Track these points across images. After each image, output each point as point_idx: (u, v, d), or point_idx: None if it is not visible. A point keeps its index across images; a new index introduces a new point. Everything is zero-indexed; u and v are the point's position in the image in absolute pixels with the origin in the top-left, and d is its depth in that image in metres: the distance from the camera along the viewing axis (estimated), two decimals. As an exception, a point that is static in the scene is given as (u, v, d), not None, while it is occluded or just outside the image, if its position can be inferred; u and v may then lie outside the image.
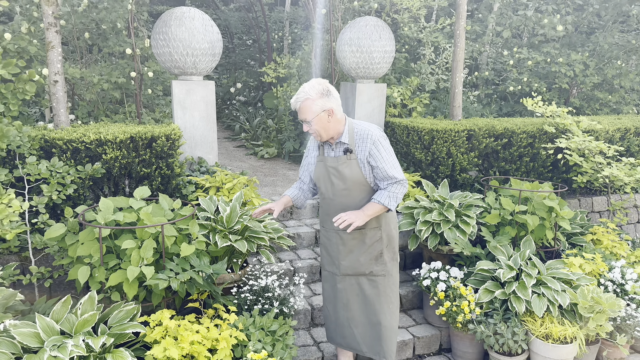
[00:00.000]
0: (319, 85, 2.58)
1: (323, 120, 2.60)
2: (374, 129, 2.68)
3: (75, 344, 2.37)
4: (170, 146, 3.67)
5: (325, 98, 2.57)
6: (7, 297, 2.68)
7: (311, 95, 2.56)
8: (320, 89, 2.57)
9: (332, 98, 2.60)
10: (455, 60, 4.80)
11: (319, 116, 2.58)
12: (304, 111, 2.59)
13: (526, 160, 4.80)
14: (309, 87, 2.58)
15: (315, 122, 2.59)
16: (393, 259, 2.84)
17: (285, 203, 2.92)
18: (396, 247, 2.85)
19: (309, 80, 2.65)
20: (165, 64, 4.19)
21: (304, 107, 2.58)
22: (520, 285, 3.27)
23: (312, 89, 2.57)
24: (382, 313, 2.83)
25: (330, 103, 2.59)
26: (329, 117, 2.60)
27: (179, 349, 2.47)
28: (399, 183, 2.66)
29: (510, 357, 3.18)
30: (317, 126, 2.61)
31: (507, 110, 7.39)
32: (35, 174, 3.20)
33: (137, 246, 2.72)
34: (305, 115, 2.59)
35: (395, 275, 2.87)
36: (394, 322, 2.88)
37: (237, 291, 3.25)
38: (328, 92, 2.59)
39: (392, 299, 2.86)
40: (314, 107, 2.56)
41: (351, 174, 2.68)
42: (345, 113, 5.03)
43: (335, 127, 2.64)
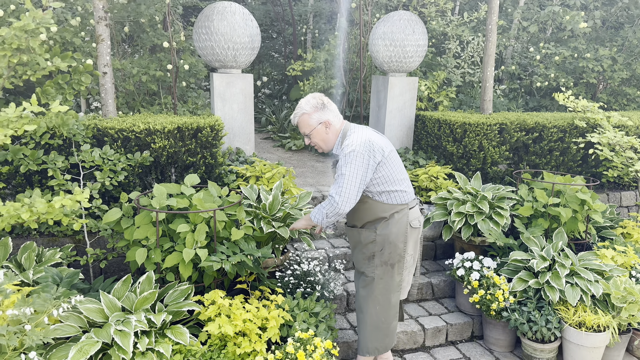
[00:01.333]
0: (313, 99, 2.72)
1: (321, 133, 2.75)
2: (355, 143, 2.63)
3: (138, 320, 2.53)
4: (214, 136, 3.82)
5: (321, 111, 2.71)
6: (71, 276, 2.86)
7: (307, 110, 2.71)
8: (314, 103, 2.71)
9: (327, 110, 2.73)
10: (486, 54, 4.87)
11: (316, 129, 2.73)
12: (302, 125, 2.75)
13: (556, 155, 4.86)
14: (304, 102, 2.73)
15: (314, 135, 2.75)
16: (386, 264, 2.80)
17: None
18: (394, 252, 2.78)
19: (335, 73, 2.81)
20: (206, 57, 4.34)
21: (301, 121, 2.74)
22: (553, 275, 3.36)
23: (307, 104, 2.72)
24: (368, 313, 2.90)
25: (326, 115, 2.72)
26: (327, 129, 2.74)
27: (233, 326, 2.62)
28: (330, 201, 2.65)
29: (542, 344, 3.28)
30: (317, 138, 2.77)
31: (534, 105, 7.41)
32: (89, 161, 3.37)
33: (191, 230, 2.88)
34: (304, 129, 2.75)
35: (388, 279, 2.83)
36: (379, 323, 2.89)
37: (279, 275, 3.39)
38: (323, 105, 2.72)
39: (381, 302, 2.86)
40: (310, 120, 2.71)
41: None
42: (377, 107, 5.15)
43: (333, 138, 2.78)
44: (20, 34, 2.91)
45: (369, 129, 2.79)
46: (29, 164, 3.16)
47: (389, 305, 2.89)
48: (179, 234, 2.91)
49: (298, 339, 2.74)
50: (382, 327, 2.92)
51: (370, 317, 2.91)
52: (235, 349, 2.59)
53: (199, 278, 3.03)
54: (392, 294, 2.87)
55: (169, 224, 2.99)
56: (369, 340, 2.94)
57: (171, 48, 5.25)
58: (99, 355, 2.49)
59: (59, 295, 2.51)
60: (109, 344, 2.46)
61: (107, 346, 2.48)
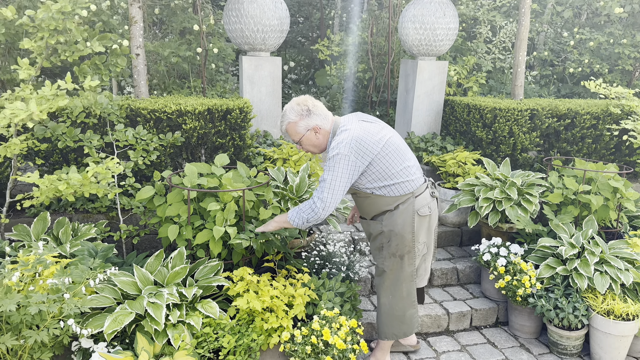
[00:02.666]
0: (297, 106, 2.62)
1: (311, 138, 2.67)
2: (341, 145, 2.54)
3: (170, 293, 2.62)
4: (243, 118, 3.87)
5: (307, 118, 2.62)
6: (106, 250, 2.97)
7: (292, 119, 2.63)
8: (299, 110, 2.61)
9: (313, 115, 2.63)
10: (519, 38, 4.76)
11: (305, 136, 2.66)
12: (290, 133, 2.68)
13: (588, 142, 4.76)
14: (289, 110, 2.63)
15: (304, 142, 2.68)
16: (395, 255, 2.77)
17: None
18: (402, 244, 2.75)
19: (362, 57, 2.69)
20: (236, 40, 4.38)
21: (289, 129, 2.67)
22: (582, 262, 3.32)
23: (292, 112, 2.62)
24: (382, 301, 2.93)
25: (313, 121, 2.63)
26: (317, 134, 2.66)
27: (260, 302, 2.69)
28: (311, 206, 2.61)
29: (569, 331, 3.25)
30: (308, 145, 2.70)
31: (566, 92, 7.24)
32: (123, 140, 3.47)
33: (221, 208, 2.94)
34: (293, 137, 2.69)
35: (398, 271, 2.81)
36: (393, 311, 2.90)
37: (305, 256, 3.44)
38: (308, 111, 2.62)
39: (393, 292, 2.87)
40: (297, 128, 2.64)
41: None
42: (405, 91, 5.11)
43: (324, 141, 2.70)
44: (57, 16, 2.99)
45: (360, 122, 2.65)
46: (67, 140, 3.27)
47: (401, 295, 2.88)
48: (209, 212, 2.98)
49: (323, 316, 2.79)
50: (396, 315, 2.91)
51: (384, 305, 2.93)
52: (263, 324, 2.66)
53: (228, 255, 3.10)
54: (403, 284, 2.85)
55: (199, 203, 3.06)
56: (385, 326, 2.97)
57: (201, 31, 5.30)
58: (132, 326, 2.59)
59: (95, 267, 2.62)
60: (142, 316, 2.56)
61: (140, 317, 2.57)
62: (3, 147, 2.89)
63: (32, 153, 3.53)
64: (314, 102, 2.66)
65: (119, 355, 2.40)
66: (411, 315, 2.96)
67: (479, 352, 3.33)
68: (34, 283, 2.50)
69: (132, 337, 2.60)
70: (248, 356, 2.55)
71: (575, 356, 3.32)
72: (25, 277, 2.49)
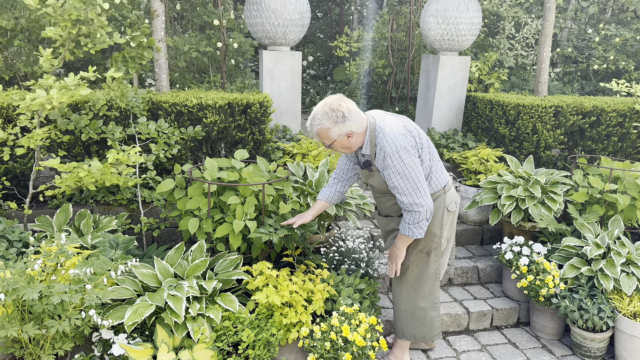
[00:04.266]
0: (332, 112, 2.40)
1: (343, 142, 2.49)
2: (393, 141, 2.41)
3: (190, 286, 2.62)
4: (263, 113, 3.86)
5: (341, 124, 2.40)
6: (127, 242, 2.98)
7: (325, 125, 2.41)
8: (334, 117, 2.39)
9: (348, 121, 2.41)
10: (543, 33, 4.66)
11: (337, 141, 2.47)
12: (321, 137, 2.49)
13: (614, 140, 4.64)
14: (321, 114, 2.41)
15: (335, 145, 2.50)
16: (422, 252, 2.75)
17: (319, 209, 2.88)
18: (430, 240, 2.72)
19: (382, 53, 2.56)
20: (256, 34, 4.36)
21: (320, 133, 2.46)
22: (608, 263, 3.24)
23: (325, 118, 2.40)
24: (402, 299, 2.87)
25: (347, 127, 2.42)
26: (349, 139, 2.47)
27: (280, 297, 2.67)
28: (412, 212, 2.48)
29: (594, 333, 3.18)
30: (338, 148, 2.52)
31: (590, 89, 7.08)
32: (145, 133, 3.48)
33: (241, 202, 2.93)
34: (323, 141, 2.50)
35: (423, 267, 2.78)
36: (414, 310, 2.85)
37: (324, 251, 3.42)
38: (343, 117, 2.40)
39: (415, 289, 2.82)
40: (330, 134, 2.44)
41: (378, 185, 2.65)
42: (426, 87, 5.05)
43: (357, 142, 2.52)
44: (78, 5, 3.00)
45: (391, 115, 2.57)
46: (90, 132, 3.29)
47: (424, 292, 2.84)
48: (229, 205, 2.97)
49: (343, 313, 2.76)
50: (417, 315, 2.87)
51: (404, 303, 2.88)
52: (282, 319, 2.64)
53: (247, 250, 3.09)
54: (427, 281, 2.82)
55: (219, 196, 3.05)
56: (405, 325, 2.92)
57: (221, 26, 5.30)
58: (152, 318, 2.60)
59: (116, 258, 2.63)
60: (162, 308, 2.56)
61: (160, 310, 2.58)
62: (26, 137, 2.92)
63: (54, 145, 3.56)
64: (348, 106, 2.42)
65: (138, 347, 2.41)
66: (432, 319, 2.90)
67: (499, 353, 3.27)
68: (56, 273, 2.52)
69: (151, 329, 2.61)
70: (267, 351, 2.54)
71: (599, 359, 3.25)
72: (47, 268, 2.51)
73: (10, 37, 4.20)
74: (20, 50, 4.52)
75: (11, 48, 4.49)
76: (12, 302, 2.29)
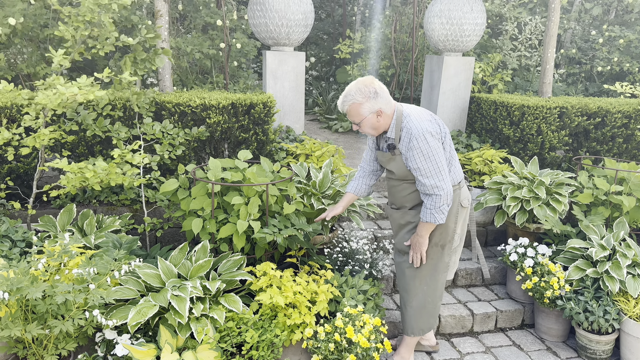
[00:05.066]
0: (365, 87, 2.51)
1: (372, 121, 2.57)
2: (420, 125, 2.50)
3: (194, 286, 2.61)
4: (266, 113, 3.85)
5: (373, 100, 2.51)
6: (130, 242, 2.97)
7: (358, 99, 2.51)
8: (367, 92, 2.51)
9: (379, 98, 2.53)
10: (548, 34, 4.65)
11: (367, 118, 2.55)
12: (351, 114, 2.57)
13: (619, 141, 4.62)
14: (355, 90, 2.53)
15: (364, 124, 2.58)
16: (437, 245, 2.77)
17: (348, 201, 2.96)
18: (445, 233, 2.75)
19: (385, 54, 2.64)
20: (260, 34, 4.36)
21: (351, 110, 2.55)
22: (614, 264, 3.22)
23: (358, 93, 2.51)
24: (415, 294, 2.87)
25: (378, 104, 2.53)
26: (378, 117, 2.56)
27: (284, 298, 2.66)
28: (433, 196, 2.53)
29: (599, 335, 3.15)
30: (367, 127, 2.60)
31: (594, 90, 7.06)
32: (150, 134, 3.47)
33: (244, 202, 2.92)
34: (353, 118, 2.58)
35: (437, 260, 2.80)
36: (426, 303, 2.87)
37: (328, 252, 3.41)
38: (375, 94, 2.51)
39: (429, 282, 2.84)
40: (361, 110, 2.53)
41: (398, 170, 2.67)
42: (430, 88, 5.04)
43: (385, 123, 2.61)
44: (94, 7, 3.01)
45: (416, 107, 2.69)
46: (95, 130, 3.29)
47: (436, 285, 2.87)
48: (233, 206, 2.96)
49: (347, 314, 2.75)
50: (428, 307, 2.91)
51: (416, 298, 2.89)
52: (286, 320, 2.63)
53: (251, 250, 3.08)
54: (440, 274, 2.85)
55: (223, 197, 3.04)
56: (415, 320, 2.93)
57: (224, 26, 5.31)
58: (155, 319, 2.59)
59: (119, 258, 2.62)
60: (165, 308, 2.55)
61: (164, 310, 2.57)
62: (32, 137, 2.92)
63: (58, 145, 3.56)
64: (380, 85, 2.55)
65: (142, 347, 2.40)
66: (438, 309, 2.99)
67: (504, 355, 3.25)
68: (60, 273, 2.51)
69: (155, 329, 2.60)
70: (271, 352, 2.53)
71: (605, 361, 3.23)
72: (50, 267, 2.50)
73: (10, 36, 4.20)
74: (23, 49, 4.52)
75: (13, 48, 4.49)
76: (15, 302, 2.28)
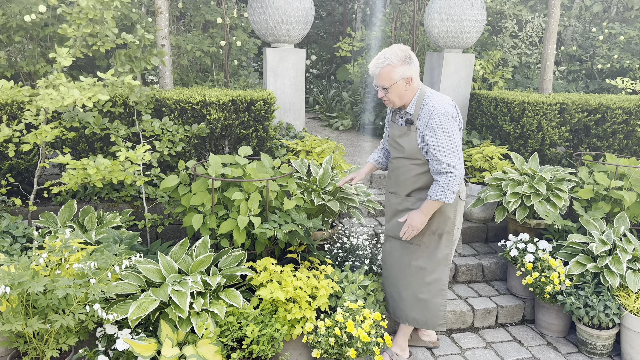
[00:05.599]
0: (400, 51, 2.51)
1: (400, 88, 2.55)
2: (443, 105, 2.53)
3: (194, 281, 2.61)
4: (267, 110, 3.85)
5: (407, 65, 2.51)
6: (131, 237, 2.98)
7: (392, 62, 2.49)
8: (402, 56, 2.50)
9: (412, 65, 2.53)
10: (548, 30, 4.65)
11: (397, 84, 2.53)
12: (382, 77, 2.53)
13: (620, 138, 4.62)
14: (390, 52, 2.51)
15: (392, 90, 2.55)
16: (434, 233, 2.76)
17: (370, 169, 3.04)
18: (443, 222, 2.74)
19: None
20: (260, 31, 4.36)
21: (383, 73, 2.52)
22: (614, 259, 3.22)
23: (393, 55, 2.50)
24: (408, 282, 2.83)
25: (411, 71, 2.53)
26: (407, 85, 2.55)
27: (284, 292, 2.66)
28: (448, 174, 2.52)
29: (599, 330, 3.16)
30: (393, 94, 2.57)
31: (594, 87, 7.05)
32: (149, 131, 3.48)
33: (245, 198, 2.93)
34: (383, 82, 2.54)
35: (434, 249, 2.78)
36: (419, 294, 2.84)
37: (328, 248, 3.41)
38: (409, 59, 2.52)
39: (424, 272, 2.81)
40: (393, 74, 2.51)
41: (409, 146, 2.66)
42: (430, 84, 5.04)
43: (409, 95, 2.60)
44: (96, 4, 3.02)
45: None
46: (94, 128, 3.30)
47: (432, 275, 2.82)
48: (234, 201, 2.97)
49: (347, 309, 2.75)
50: (421, 298, 2.85)
51: (410, 286, 2.85)
52: (286, 315, 2.63)
53: (251, 246, 3.08)
54: (435, 265, 2.81)
55: (223, 192, 3.05)
56: (408, 309, 2.89)
57: (224, 24, 5.31)
58: (156, 314, 2.60)
59: (120, 253, 2.62)
60: (166, 303, 2.56)
61: (164, 305, 2.57)
62: (33, 134, 2.93)
63: (59, 142, 3.57)
64: (414, 54, 2.55)
65: (143, 342, 2.40)
66: (437, 305, 2.87)
67: (504, 350, 3.25)
68: (61, 268, 2.52)
69: (156, 324, 2.60)
70: (271, 346, 2.53)
71: (605, 356, 3.23)
72: (51, 262, 2.51)
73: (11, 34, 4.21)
74: (23, 47, 4.53)
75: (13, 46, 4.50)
76: (16, 297, 2.29)
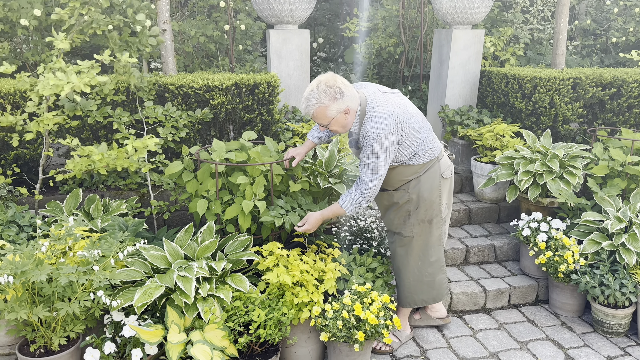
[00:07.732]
0: (329, 88, 2.39)
1: (340, 120, 2.49)
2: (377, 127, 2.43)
3: (200, 266, 2.59)
4: (271, 93, 3.79)
5: (339, 100, 2.41)
6: (136, 224, 2.96)
7: (324, 102, 2.40)
8: (331, 93, 2.39)
9: (345, 97, 2.42)
10: (560, 3, 4.49)
11: (335, 119, 2.46)
12: (318, 117, 2.46)
13: (636, 112, 4.47)
14: (318, 93, 2.39)
15: (332, 124, 2.50)
16: (423, 221, 2.75)
17: (309, 147, 2.99)
18: (430, 208, 2.73)
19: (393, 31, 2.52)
20: (263, 12, 4.28)
21: (317, 113, 2.44)
22: (630, 237, 3.13)
23: (322, 95, 2.39)
24: (409, 270, 2.86)
25: (345, 103, 2.43)
26: (346, 115, 2.48)
27: (291, 276, 2.63)
28: (359, 191, 2.58)
29: (615, 309, 3.08)
30: (335, 127, 2.52)
31: (609, 62, 6.85)
32: (152, 117, 3.44)
33: (250, 182, 2.89)
34: (320, 120, 2.48)
35: (427, 236, 2.79)
36: (422, 277, 2.87)
37: (335, 231, 3.36)
38: (341, 93, 2.41)
39: (422, 258, 2.84)
40: (328, 112, 2.43)
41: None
42: (439, 63, 4.92)
43: (351, 119, 2.53)
44: None
45: (384, 94, 2.56)
46: (96, 116, 3.28)
47: (430, 260, 2.86)
48: (239, 186, 2.93)
49: (355, 291, 2.71)
50: (426, 281, 2.90)
51: (412, 274, 2.88)
52: (293, 299, 2.60)
53: (257, 230, 3.05)
54: (431, 248, 2.84)
55: (228, 177, 3.01)
56: (414, 293, 2.93)
57: (228, 7, 5.22)
58: (162, 300, 2.58)
59: (124, 239, 2.61)
60: (172, 289, 2.54)
61: (170, 291, 2.56)
62: (35, 122, 2.91)
63: (62, 130, 3.55)
64: (343, 82, 2.44)
65: (149, 328, 2.39)
66: (441, 281, 2.94)
67: (517, 331, 3.20)
68: (65, 256, 2.51)
69: (162, 310, 2.59)
70: (279, 330, 2.51)
71: (622, 335, 3.15)
72: (56, 250, 2.50)
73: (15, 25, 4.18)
74: (28, 38, 4.51)
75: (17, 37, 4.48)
76: (21, 285, 2.29)
